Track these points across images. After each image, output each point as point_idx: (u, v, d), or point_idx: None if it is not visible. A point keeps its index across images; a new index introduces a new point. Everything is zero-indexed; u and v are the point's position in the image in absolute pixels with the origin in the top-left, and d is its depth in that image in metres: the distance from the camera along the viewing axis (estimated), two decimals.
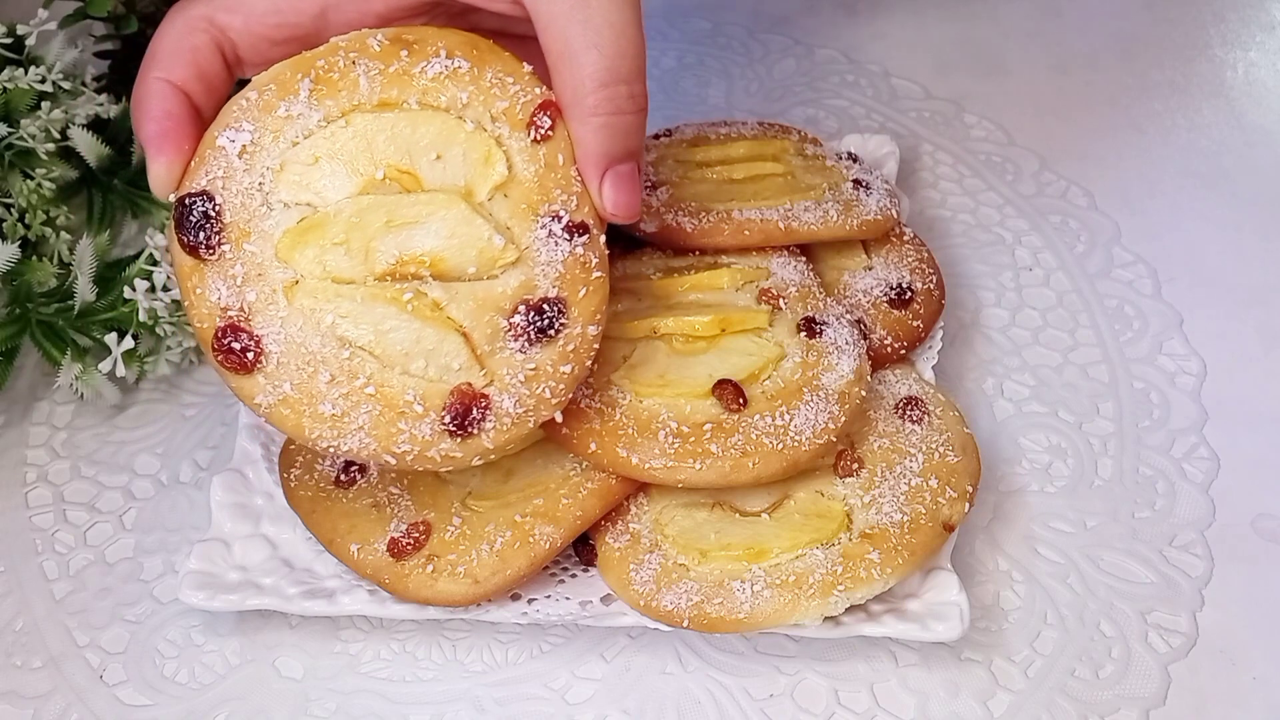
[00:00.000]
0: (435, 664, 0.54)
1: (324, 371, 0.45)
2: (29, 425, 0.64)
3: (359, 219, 0.46)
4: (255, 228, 0.45)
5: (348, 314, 0.45)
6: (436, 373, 0.46)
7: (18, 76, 0.63)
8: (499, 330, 0.46)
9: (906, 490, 0.53)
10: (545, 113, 0.47)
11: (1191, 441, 0.61)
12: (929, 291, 0.62)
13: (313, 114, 0.46)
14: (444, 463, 0.46)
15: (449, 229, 0.46)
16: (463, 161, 0.47)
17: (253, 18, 0.47)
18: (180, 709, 0.52)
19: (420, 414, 0.45)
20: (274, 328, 0.45)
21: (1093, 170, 0.76)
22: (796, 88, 0.83)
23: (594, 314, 0.48)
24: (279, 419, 0.45)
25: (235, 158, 0.45)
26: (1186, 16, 0.87)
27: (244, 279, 0.45)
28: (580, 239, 0.47)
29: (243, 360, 0.45)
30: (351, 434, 0.45)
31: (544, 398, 0.47)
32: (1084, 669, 0.53)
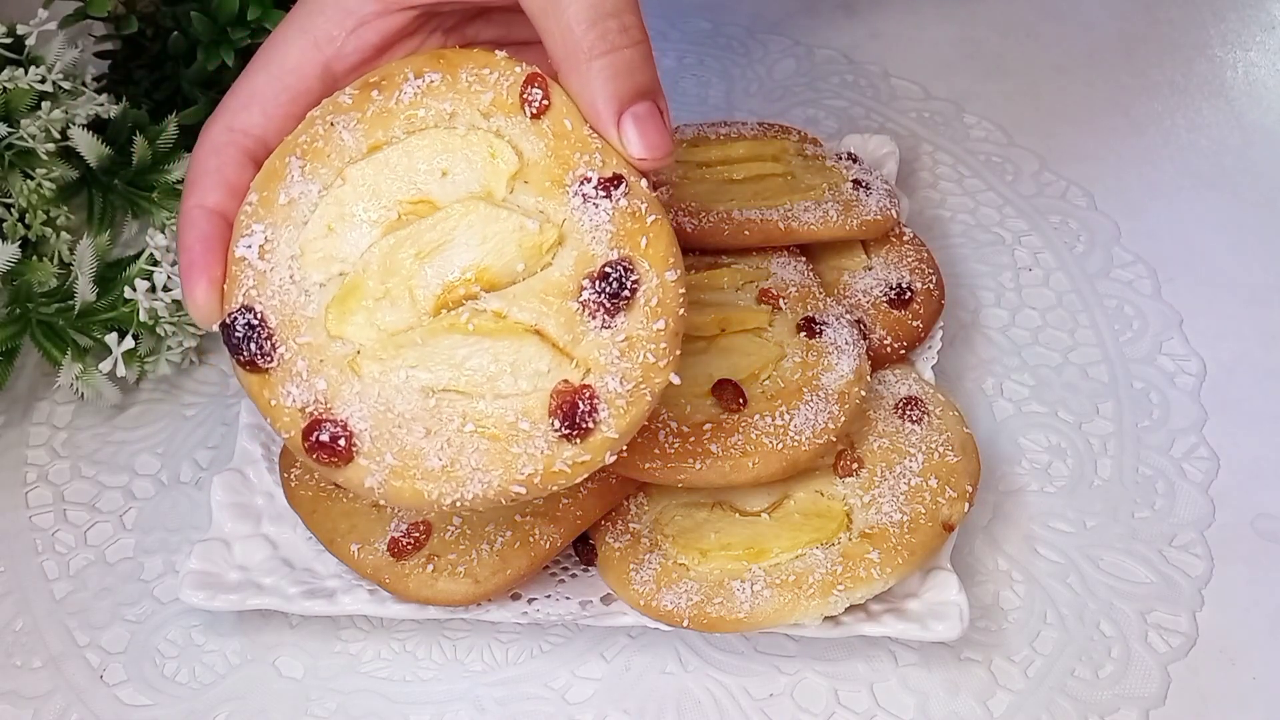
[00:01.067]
0: (435, 664, 0.54)
1: (417, 428, 0.42)
2: (29, 425, 0.64)
3: (387, 264, 0.43)
4: (301, 319, 0.43)
5: (416, 362, 0.42)
6: (528, 384, 0.42)
7: (18, 76, 0.63)
8: (573, 315, 0.42)
9: (906, 490, 0.53)
10: (533, 85, 0.44)
11: (1191, 441, 0.61)
12: (929, 291, 0.62)
13: (311, 187, 0.44)
14: (576, 471, 0.42)
15: (479, 235, 0.43)
16: (469, 168, 0.44)
17: (267, 106, 0.46)
18: (180, 709, 0.52)
19: (529, 431, 0.42)
20: (354, 406, 0.42)
21: (1093, 170, 0.76)
22: (796, 88, 0.83)
23: (665, 259, 0.43)
24: (394, 494, 0.42)
25: (258, 261, 0.44)
26: (1186, 16, 0.87)
27: (309, 371, 0.43)
28: (619, 191, 0.43)
29: (336, 450, 0.42)
30: (470, 479, 0.41)
31: (649, 364, 0.42)
32: (1084, 669, 0.53)
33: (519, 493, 0.41)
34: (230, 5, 0.69)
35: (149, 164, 0.68)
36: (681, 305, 0.43)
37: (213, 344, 0.66)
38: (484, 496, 0.42)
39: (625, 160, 0.44)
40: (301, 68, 0.46)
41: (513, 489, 0.41)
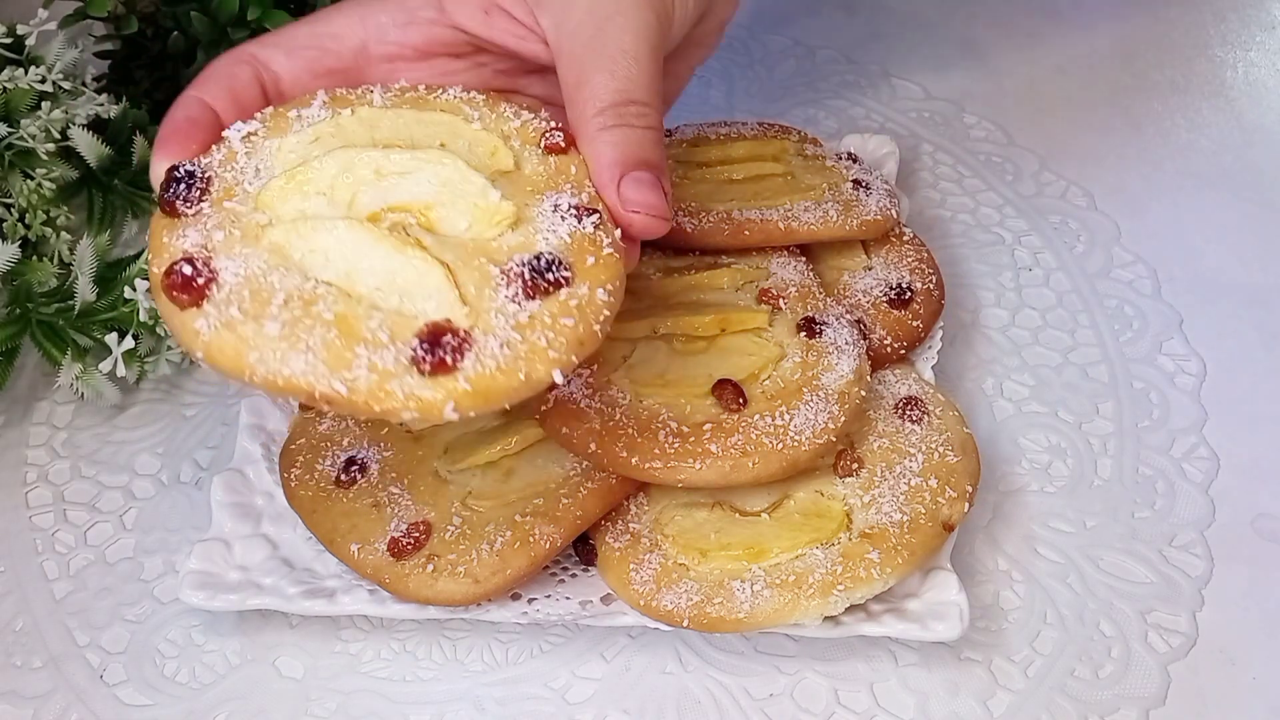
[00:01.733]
0: (435, 664, 0.54)
1: (278, 296, 0.39)
2: (29, 425, 0.64)
3: (345, 169, 0.43)
4: (241, 191, 0.43)
5: (318, 248, 0.40)
6: (412, 308, 0.39)
7: (18, 76, 0.63)
8: (489, 276, 0.40)
9: (906, 490, 0.53)
10: (559, 132, 0.46)
11: (1191, 441, 0.61)
12: (929, 291, 0.62)
13: (321, 114, 0.46)
14: (407, 402, 0.38)
15: (442, 180, 0.43)
16: (467, 151, 0.45)
17: (294, 51, 0.48)
18: (180, 709, 0.52)
19: (384, 342, 0.38)
20: (236, 264, 0.40)
21: (1093, 170, 0.76)
22: (796, 88, 0.83)
23: (604, 281, 0.41)
24: (217, 348, 0.39)
25: (238, 142, 0.44)
26: (1186, 16, 0.87)
27: (214, 225, 0.41)
28: (590, 219, 0.43)
29: (191, 286, 0.39)
30: (295, 358, 0.38)
31: (539, 346, 0.39)
32: (1084, 669, 0.53)
33: (337, 391, 0.38)
34: (230, 5, 0.69)
35: (149, 164, 0.68)
36: (600, 324, 0.41)
37: None
38: (298, 382, 0.38)
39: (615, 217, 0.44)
40: (341, 35, 0.48)
41: (334, 384, 0.38)
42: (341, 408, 0.38)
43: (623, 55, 0.45)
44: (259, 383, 0.38)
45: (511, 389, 0.39)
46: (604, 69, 0.45)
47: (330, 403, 0.38)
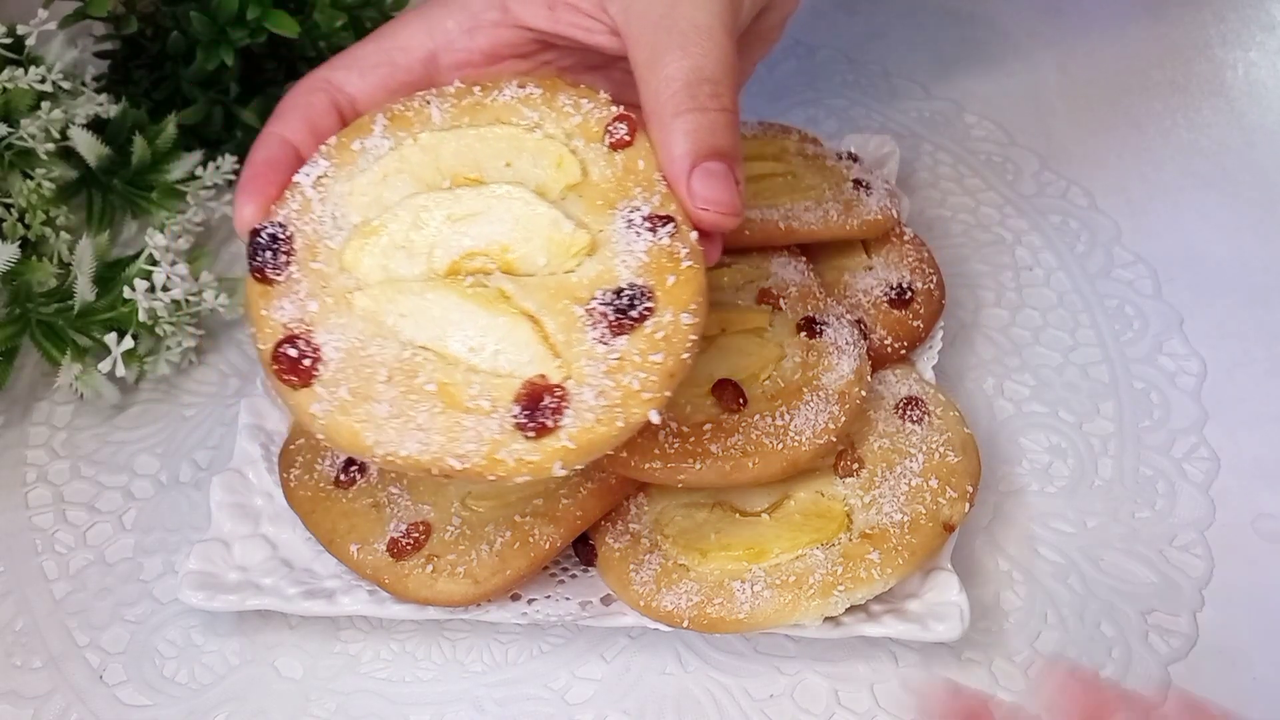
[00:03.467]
0: (435, 664, 0.54)
1: (382, 371, 0.41)
2: (29, 425, 0.64)
3: (418, 219, 0.43)
4: (323, 247, 0.44)
5: (408, 312, 0.42)
6: (507, 367, 0.41)
7: (18, 76, 0.63)
8: (575, 319, 0.41)
9: (906, 490, 0.53)
10: (621, 122, 0.45)
11: (1191, 441, 0.61)
12: (929, 291, 0.62)
13: (384, 143, 0.46)
14: (518, 468, 0.39)
15: (514, 217, 0.43)
16: (532, 166, 0.45)
17: (366, 71, 0.48)
18: (180, 709, 0.52)
19: (488, 410, 0.40)
20: (334, 336, 0.42)
21: (1093, 170, 0.76)
22: (797, 88, 0.83)
23: (687, 302, 0.41)
24: (334, 429, 0.40)
25: (310, 189, 0.45)
26: (1186, 16, 0.87)
27: (308, 293, 0.43)
28: (665, 229, 0.42)
29: (299, 368, 0.41)
30: (410, 436, 0.40)
31: (632, 390, 0.40)
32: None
33: (453, 467, 0.39)
34: (230, 5, 0.69)
35: (148, 164, 0.68)
36: (688, 350, 0.41)
37: (211, 344, 0.66)
38: (417, 459, 0.40)
39: (687, 212, 0.43)
40: (410, 48, 0.48)
41: (449, 460, 0.39)
42: (458, 479, 0.40)
43: (695, 32, 0.44)
44: (380, 461, 0.40)
45: (612, 437, 0.40)
46: (676, 46, 0.44)
47: (447, 475, 0.40)
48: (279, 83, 0.75)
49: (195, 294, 0.62)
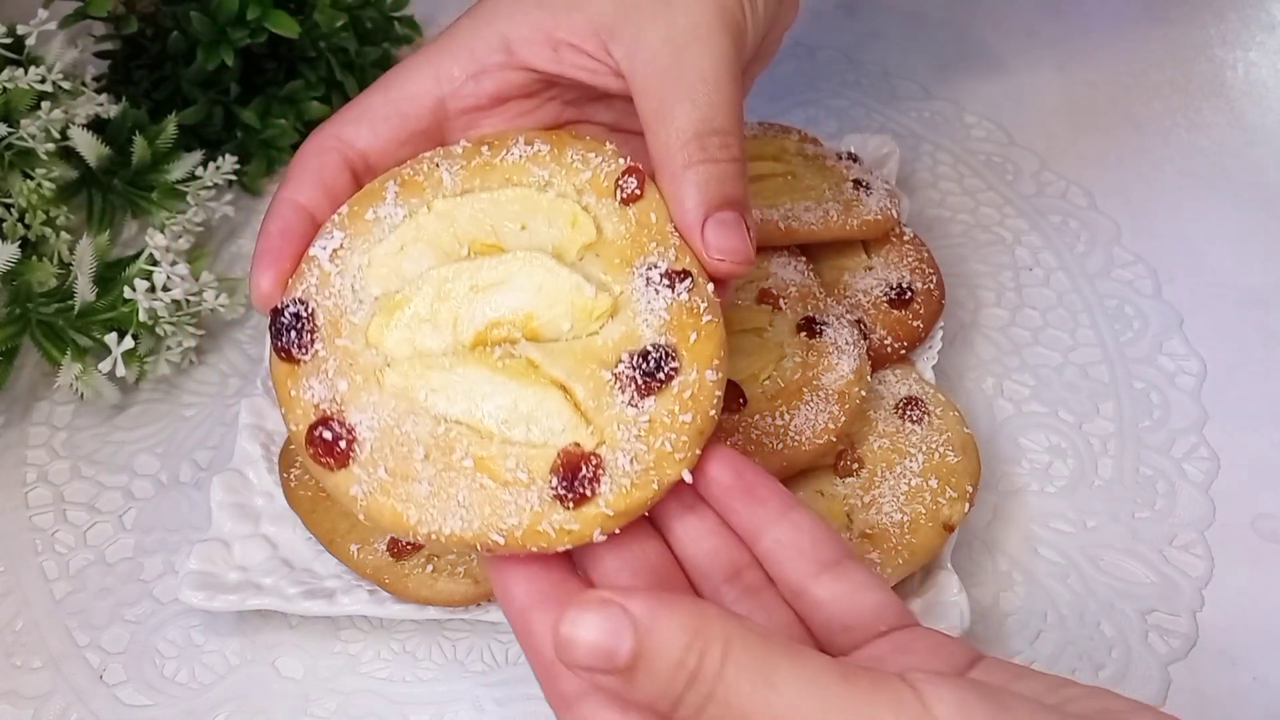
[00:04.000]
0: (435, 664, 0.54)
1: (418, 449, 0.41)
2: (29, 425, 0.64)
3: (441, 290, 0.43)
4: (346, 323, 0.43)
5: (439, 387, 0.42)
6: (540, 436, 0.41)
7: (18, 76, 0.63)
8: (604, 384, 0.42)
9: (906, 490, 0.53)
10: (630, 175, 0.45)
11: (1191, 441, 0.61)
12: (929, 291, 0.62)
13: (398, 211, 0.45)
14: (559, 538, 0.40)
15: (536, 284, 0.43)
16: (548, 227, 0.45)
17: (376, 124, 0.47)
18: (180, 709, 0.52)
19: (526, 482, 0.40)
20: (366, 414, 0.42)
21: (1093, 170, 0.76)
22: (797, 88, 0.83)
23: (710, 358, 0.42)
24: (376, 510, 0.41)
25: (327, 262, 0.45)
26: (1186, 16, 0.87)
27: (336, 371, 0.43)
28: (683, 284, 0.43)
29: (335, 451, 0.41)
30: (452, 513, 0.40)
31: (665, 452, 0.41)
32: (1084, 669, 0.52)
33: (496, 541, 0.40)
34: (230, 5, 0.69)
35: (149, 164, 0.68)
36: (714, 407, 0.42)
37: (211, 344, 0.66)
38: (460, 536, 0.40)
39: (702, 263, 0.44)
40: (418, 97, 0.48)
41: (491, 535, 0.40)
42: (501, 552, 0.40)
43: (703, 83, 0.45)
44: (423, 539, 0.41)
45: (647, 500, 0.41)
46: (685, 98, 0.44)
47: (490, 550, 0.40)
48: (279, 83, 0.75)
49: (195, 294, 0.62)
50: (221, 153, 0.70)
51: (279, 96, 0.74)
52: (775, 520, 0.42)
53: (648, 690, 0.34)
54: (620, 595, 0.34)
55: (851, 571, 0.41)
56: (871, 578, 0.41)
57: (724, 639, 0.33)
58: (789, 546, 0.41)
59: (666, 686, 0.34)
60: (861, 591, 0.41)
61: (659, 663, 0.33)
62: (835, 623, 0.41)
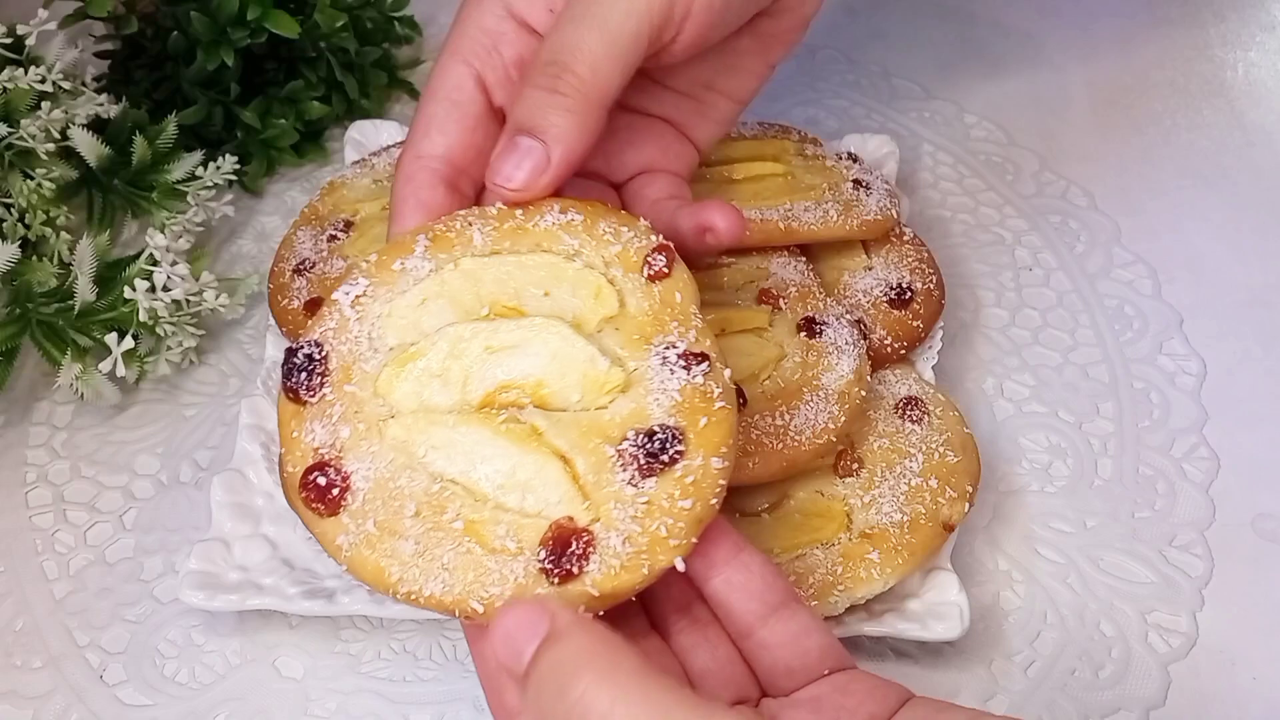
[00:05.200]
0: (435, 664, 0.54)
1: (409, 505, 0.41)
2: (29, 425, 0.64)
3: (456, 348, 0.43)
4: (358, 370, 0.44)
5: (440, 444, 0.42)
6: (535, 506, 0.41)
7: (18, 76, 0.63)
8: (606, 459, 0.41)
9: (906, 490, 0.53)
10: (659, 253, 0.45)
11: (1191, 441, 0.61)
12: (929, 291, 0.62)
13: (425, 265, 0.45)
14: None
15: (550, 351, 0.43)
16: (571, 296, 0.44)
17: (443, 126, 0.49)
18: (180, 709, 0.52)
19: (514, 551, 0.40)
20: (364, 464, 0.42)
21: (1093, 170, 0.76)
22: (796, 88, 0.83)
23: (717, 446, 0.41)
24: (359, 564, 0.41)
25: (348, 308, 0.45)
26: (1186, 16, 0.87)
27: (340, 417, 0.43)
28: (699, 367, 0.42)
29: (327, 498, 0.41)
30: (435, 575, 0.40)
31: (660, 537, 0.40)
32: (1084, 669, 0.53)
33: (475, 609, 0.39)
34: (230, 5, 0.69)
35: (149, 164, 0.68)
36: (716, 497, 0.41)
37: (211, 344, 0.66)
38: (440, 599, 0.40)
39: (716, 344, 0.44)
40: (460, 83, 0.49)
41: (471, 603, 0.39)
42: (479, 621, 0.40)
43: (584, 16, 0.45)
44: (402, 599, 0.40)
45: (636, 585, 0.40)
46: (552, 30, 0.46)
47: (468, 618, 0.40)
48: (279, 83, 0.75)
49: (195, 294, 0.62)
50: (221, 153, 0.70)
51: (279, 96, 0.74)
52: (726, 561, 0.42)
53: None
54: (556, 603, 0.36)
55: (798, 615, 0.42)
56: (815, 621, 0.42)
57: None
58: (739, 588, 0.42)
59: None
60: (806, 636, 0.42)
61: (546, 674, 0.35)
62: (780, 665, 0.41)
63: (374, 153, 0.70)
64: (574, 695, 0.34)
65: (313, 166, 0.76)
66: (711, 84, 0.55)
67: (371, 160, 0.69)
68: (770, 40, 0.54)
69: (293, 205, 0.74)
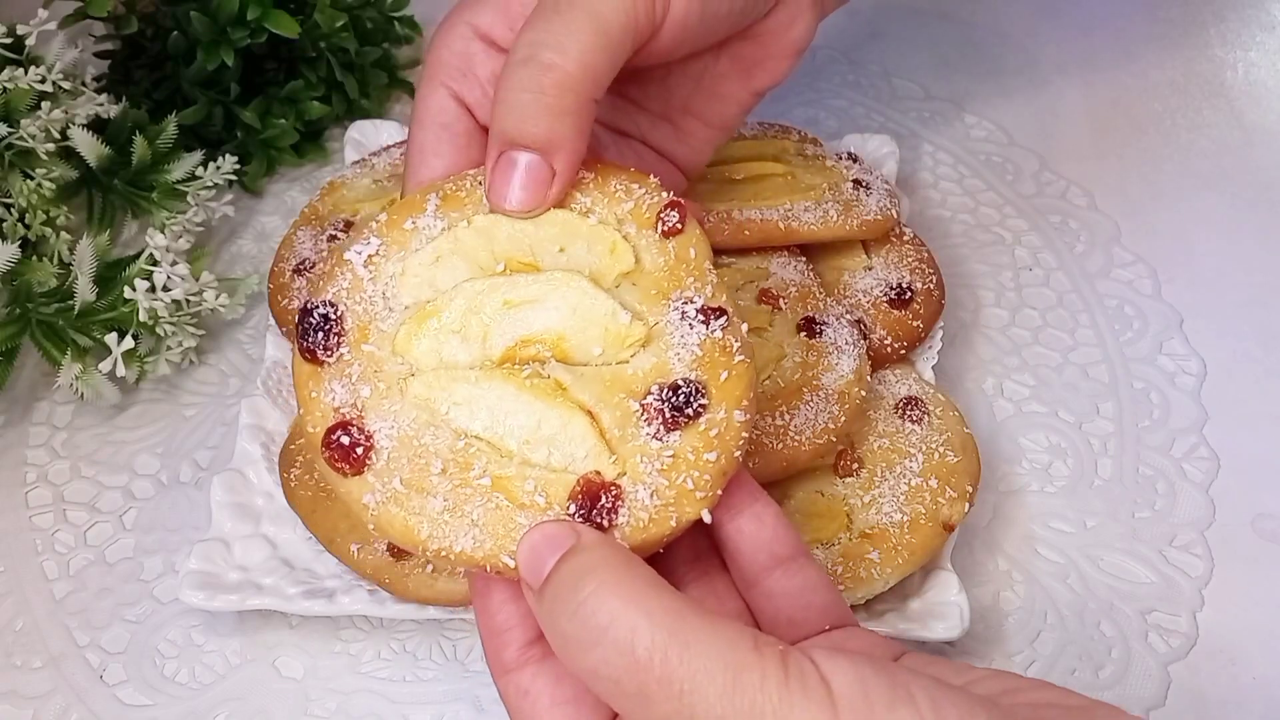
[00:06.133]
0: (435, 664, 0.54)
1: (436, 463, 0.41)
2: (29, 425, 0.64)
3: (474, 303, 0.43)
4: (375, 329, 0.43)
5: (463, 400, 0.41)
6: (561, 461, 0.41)
7: (18, 76, 0.63)
8: (630, 414, 0.41)
9: (906, 490, 0.53)
10: (673, 210, 0.45)
11: (1191, 441, 0.61)
12: (929, 291, 0.62)
13: (437, 224, 0.45)
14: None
15: (570, 305, 0.43)
16: (587, 253, 0.44)
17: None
18: (180, 709, 0.52)
19: (542, 507, 0.40)
20: (386, 422, 0.41)
21: (1093, 170, 0.76)
22: (796, 88, 0.83)
23: (739, 399, 0.41)
24: (386, 521, 0.40)
25: (361, 268, 0.44)
26: (1186, 16, 0.87)
27: (359, 377, 0.42)
28: (718, 322, 0.43)
29: (351, 457, 0.41)
30: (465, 531, 0.40)
31: (686, 489, 0.40)
32: (1084, 669, 0.53)
33: (506, 564, 0.39)
34: (230, 5, 0.69)
35: (149, 164, 0.68)
36: (739, 448, 0.41)
37: (211, 344, 0.66)
38: (470, 555, 0.40)
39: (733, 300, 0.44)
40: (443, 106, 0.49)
41: (503, 558, 0.39)
42: (510, 576, 0.40)
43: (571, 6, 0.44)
44: (432, 556, 0.40)
45: (664, 536, 0.40)
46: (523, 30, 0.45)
47: (500, 573, 0.40)
48: (279, 83, 0.75)
49: (195, 294, 0.62)
50: (221, 153, 0.70)
51: (279, 96, 0.74)
52: (739, 511, 0.42)
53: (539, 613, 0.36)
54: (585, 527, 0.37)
55: (805, 569, 0.42)
56: (822, 578, 0.42)
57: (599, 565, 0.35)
58: (749, 538, 0.42)
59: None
60: (812, 591, 0.42)
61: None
62: (782, 616, 0.42)
63: (374, 153, 0.70)
64: (583, 595, 0.34)
65: (313, 166, 0.76)
66: (688, 107, 0.55)
67: (371, 160, 0.69)
68: (751, 66, 0.53)
69: (293, 205, 0.74)
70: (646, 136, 0.55)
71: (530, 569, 0.36)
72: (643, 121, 0.55)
